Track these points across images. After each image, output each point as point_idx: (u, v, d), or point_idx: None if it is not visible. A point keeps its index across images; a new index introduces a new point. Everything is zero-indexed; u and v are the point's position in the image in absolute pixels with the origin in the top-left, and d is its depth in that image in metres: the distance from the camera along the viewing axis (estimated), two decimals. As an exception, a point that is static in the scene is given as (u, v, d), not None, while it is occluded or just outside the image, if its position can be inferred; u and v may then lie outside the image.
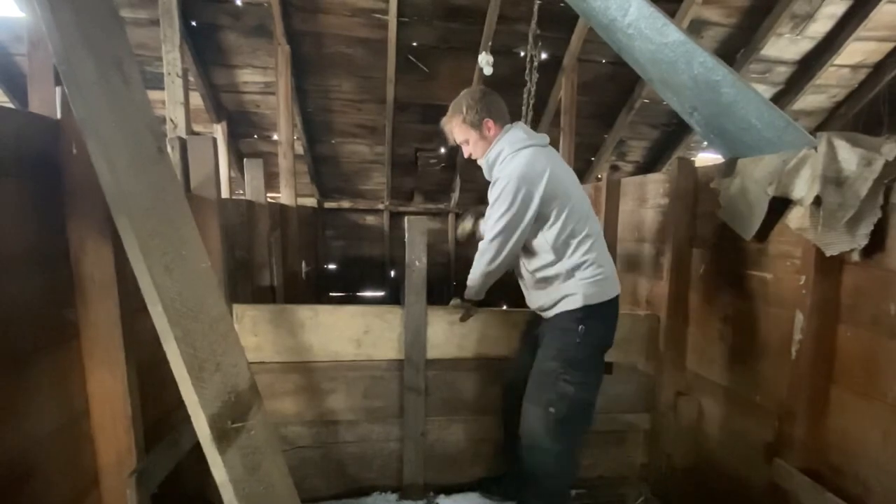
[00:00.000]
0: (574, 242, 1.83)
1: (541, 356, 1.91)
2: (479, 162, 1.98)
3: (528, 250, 1.91)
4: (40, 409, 1.13)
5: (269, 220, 3.11)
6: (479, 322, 2.24)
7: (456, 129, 1.97)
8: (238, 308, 2.08)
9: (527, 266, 1.94)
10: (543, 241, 1.85)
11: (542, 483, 1.91)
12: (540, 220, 1.82)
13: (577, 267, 1.83)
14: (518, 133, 1.90)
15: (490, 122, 1.91)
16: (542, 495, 1.93)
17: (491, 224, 1.85)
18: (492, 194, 1.86)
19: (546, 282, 1.90)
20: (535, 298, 1.97)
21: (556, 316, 1.89)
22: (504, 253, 1.85)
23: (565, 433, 1.86)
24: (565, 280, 1.85)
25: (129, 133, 1.21)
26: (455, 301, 2.22)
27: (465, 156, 2.03)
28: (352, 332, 2.17)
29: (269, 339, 2.12)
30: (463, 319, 2.21)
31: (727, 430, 2.06)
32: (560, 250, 1.84)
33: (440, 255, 5.93)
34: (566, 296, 1.86)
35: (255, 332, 2.10)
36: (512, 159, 1.84)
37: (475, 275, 1.97)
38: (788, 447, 1.68)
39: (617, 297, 1.91)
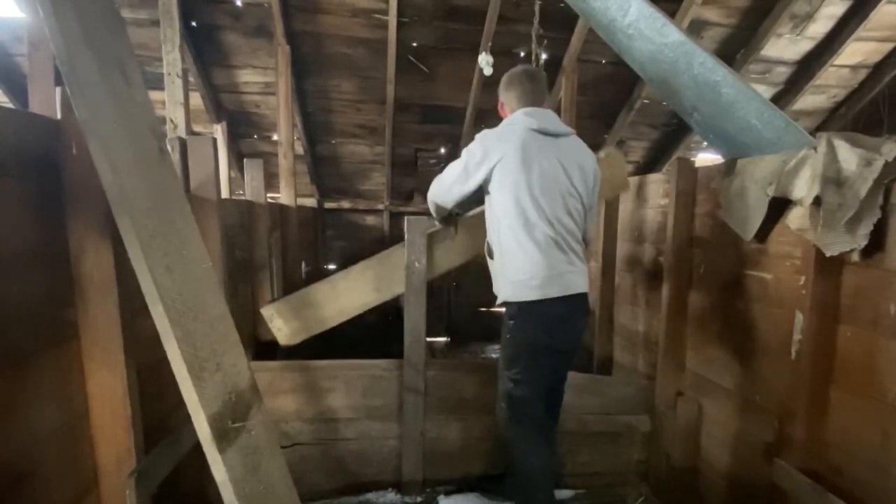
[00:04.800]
0: (512, 232, 1.81)
1: None
2: None
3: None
4: (40, 409, 1.13)
5: (269, 221, 3.10)
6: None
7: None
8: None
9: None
10: (493, 214, 1.87)
11: (518, 477, 1.94)
12: (492, 190, 1.85)
13: (510, 259, 1.83)
14: (516, 115, 1.93)
15: (502, 105, 2.05)
16: (519, 491, 1.95)
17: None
18: None
19: (493, 262, 1.91)
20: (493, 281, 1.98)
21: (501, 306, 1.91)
22: (451, 182, 1.92)
23: (516, 429, 1.89)
24: (497, 267, 1.88)
25: (130, 133, 1.21)
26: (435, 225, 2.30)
27: None
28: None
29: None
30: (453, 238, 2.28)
31: (727, 430, 2.05)
32: (502, 233, 1.84)
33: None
34: (499, 287, 1.88)
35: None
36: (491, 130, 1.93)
37: (430, 191, 2.11)
38: (788, 447, 1.68)
39: (554, 299, 1.79)
